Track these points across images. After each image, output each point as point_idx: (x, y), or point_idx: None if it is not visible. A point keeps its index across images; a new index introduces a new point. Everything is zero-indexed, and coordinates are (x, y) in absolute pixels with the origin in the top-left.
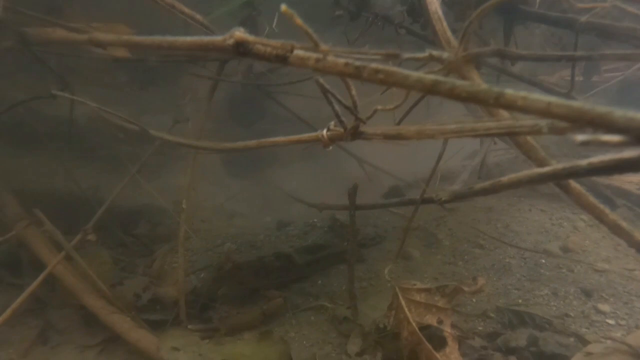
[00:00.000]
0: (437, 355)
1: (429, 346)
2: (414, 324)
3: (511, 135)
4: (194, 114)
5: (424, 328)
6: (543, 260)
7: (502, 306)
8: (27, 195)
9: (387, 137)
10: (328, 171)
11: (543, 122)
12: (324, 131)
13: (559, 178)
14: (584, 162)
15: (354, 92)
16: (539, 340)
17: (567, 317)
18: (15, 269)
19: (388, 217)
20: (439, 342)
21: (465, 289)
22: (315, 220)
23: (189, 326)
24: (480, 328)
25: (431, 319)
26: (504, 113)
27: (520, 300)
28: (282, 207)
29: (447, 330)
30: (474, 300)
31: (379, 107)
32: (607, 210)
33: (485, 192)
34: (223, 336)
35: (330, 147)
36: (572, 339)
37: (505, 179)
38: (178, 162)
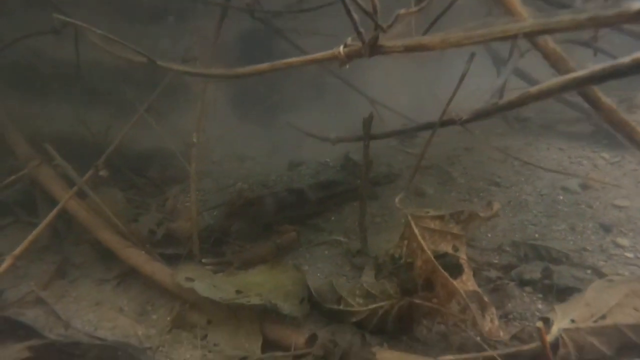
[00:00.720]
0: (453, 282)
1: (445, 273)
2: (428, 252)
3: (548, 32)
4: (202, 54)
5: (439, 256)
6: (561, 197)
7: (518, 241)
8: (38, 139)
9: (408, 48)
10: (337, 114)
11: (583, 15)
12: (341, 47)
13: (597, 80)
14: (627, 59)
15: None
16: (553, 273)
17: (585, 251)
18: (30, 208)
19: (402, 156)
20: (454, 270)
21: (481, 214)
22: (327, 160)
23: (203, 260)
24: (495, 261)
25: (446, 247)
26: (525, 14)
27: (536, 235)
28: (293, 150)
29: (463, 257)
30: (489, 235)
31: (402, 11)
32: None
33: (511, 106)
34: (236, 270)
35: (347, 65)
36: (588, 272)
37: (534, 89)
38: (187, 105)
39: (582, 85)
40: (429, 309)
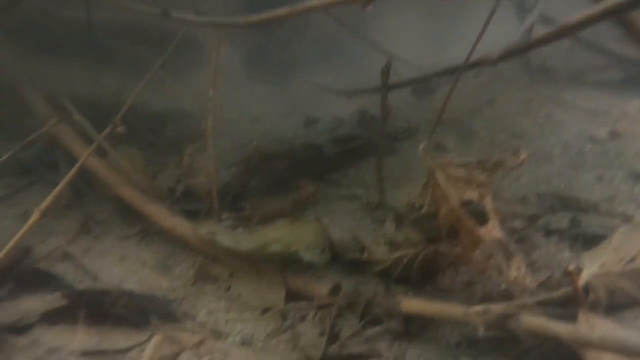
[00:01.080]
0: (479, 230)
1: (470, 221)
2: (452, 201)
3: None
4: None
5: (464, 204)
6: (588, 147)
7: (543, 192)
8: (50, 98)
9: None
10: (352, 71)
11: None
12: None
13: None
14: None
15: None
16: (581, 222)
17: (613, 200)
18: (51, 167)
19: (420, 111)
20: (480, 218)
21: (507, 162)
22: (343, 116)
23: (222, 215)
24: (520, 211)
25: (471, 195)
26: None
27: (562, 187)
28: (308, 108)
29: (488, 205)
30: (513, 186)
31: None
32: None
33: (546, 40)
34: (256, 225)
35: (370, 7)
36: (617, 220)
37: (572, 19)
38: (199, 64)
39: (621, 11)
40: (454, 257)
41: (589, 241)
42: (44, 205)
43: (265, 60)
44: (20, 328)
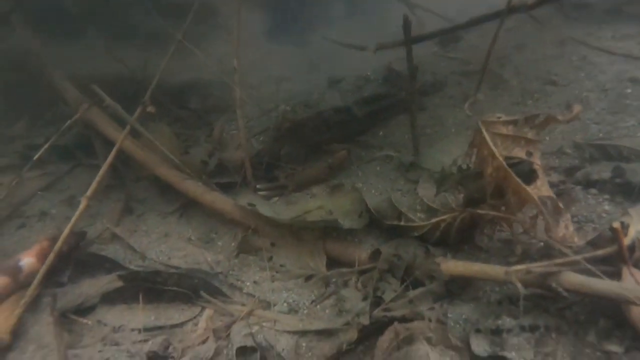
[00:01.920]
0: (527, 188)
1: (517, 179)
2: (500, 159)
3: None
4: None
5: (512, 162)
6: (629, 90)
7: (581, 142)
8: (77, 81)
9: None
10: (372, 25)
11: None
12: None
13: None
14: None
15: None
16: (625, 171)
17: None
18: (89, 151)
19: (445, 62)
20: (528, 176)
21: (559, 117)
22: (368, 73)
23: (257, 186)
24: (555, 164)
25: (519, 152)
26: None
27: (600, 134)
28: (331, 66)
29: (537, 162)
30: (547, 138)
31: None
32: None
33: None
34: (292, 193)
35: None
36: None
37: None
38: (219, 31)
39: None
40: (495, 217)
41: (631, 192)
42: (89, 192)
43: (285, 19)
44: (84, 310)
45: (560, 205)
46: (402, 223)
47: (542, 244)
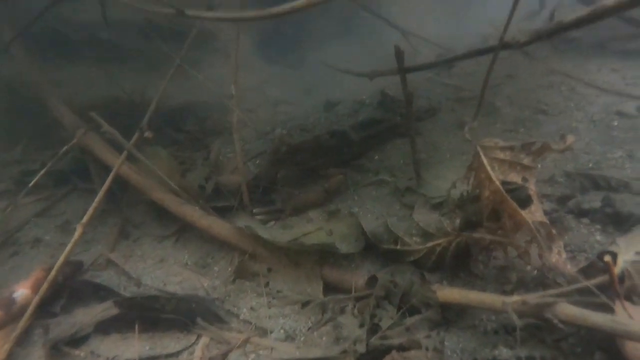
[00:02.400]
0: (522, 212)
1: (513, 204)
2: (497, 182)
3: None
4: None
5: (508, 187)
6: (616, 123)
7: (572, 171)
8: (75, 105)
9: None
10: (367, 47)
11: None
12: None
13: None
14: None
15: None
16: (615, 201)
17: None
18: (85, 175)
19: (439, 88)
20: (523, 201)
21: (554, 146)
22: (363, 97)
23: (254, 210)
24: (548, 192)
25: (515, 178)
26: None
27: (590, 164)
28: (325, 89)
29: (532, 188)
30: (540, 166)
31: None
32: None
33: (580, 23)
34: (288, 217)
35: None
36: None
37: (608, 2)
38: (216, 55)
39: None
40: (490, 242)
41: (625, 221)
42: (85, 219)
43: (280, 41)
44: (77, 341)
45: (553, 231)
46: (399, 247)
47: (536, 271)
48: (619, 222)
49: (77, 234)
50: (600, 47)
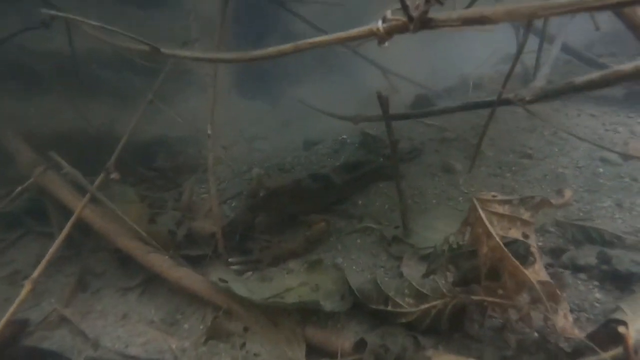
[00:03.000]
0: (526, 271)
1: (515, 262)
2: (496, 238)
3: None
4: (201, 32)
5: (506, 243)
6: (601, 170)
7: (563, 220)
8: (39, 139)
9: (466, 21)
10: (345, 85)
11: None
12: (379, 23)
13: None
14: None
15: None
16: (611, 258)
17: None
18: (41, 217)
19: (422, 128)
20: (523, 258)
21: (552, 201)
22: (344, 136)
23: (230, 259)
24: (540, 243)
25: (515, 233)
26: None
27: (581, 214)
28: (303, 126)
29: (533, 245)
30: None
31: None
32: None
33: (591, 86)
34: (267, 267)
35: (387, 43)
36: None
37: (628, 66)
38: (191, 88)
39: None
40: (490, 303)
41: (622, 279)
42: (36, 273)
43: (257, 76)
44: None
45: (558, 292)
46: (389, 308)
47: (536, 334)
48: (617, 280)
49: (24, 292)
50: (577, 92)
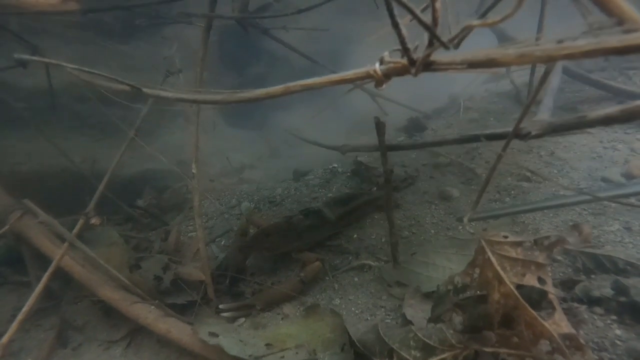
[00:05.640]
0: (545, 323)
1: (532, 312)
2: (509, 285)
3: None
4: (184, 64)
5: (518, 288)
6: (604, 189)
7: (570, 247)
8: (18, 178)
9: (473, 65)
10: (334, 109)
11: None
12: (377, 65)
13: None
14: None
15: (438, 3)
16: (628, 288)
17: None
18: (18, 266)
19: (415, 154)
20: (534, 302)
21: (570, 239)
22: (335, 165)
23: (220, 306)
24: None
25: (531, 280)
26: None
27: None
28: (292, 153)
29: (551, 291)
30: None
31: (475, 22)
32: None
33: (608, 120)
34: (260, 312)
35: (384, 86)
36: None
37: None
38: (175, 120)
39: None
40: (504, 353)
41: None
42: (5, 339)
43: (244, 105)
44: None
45: (583, 343)
46: None
47: None
48: (637, 313)
49: None
50: (570, 109)
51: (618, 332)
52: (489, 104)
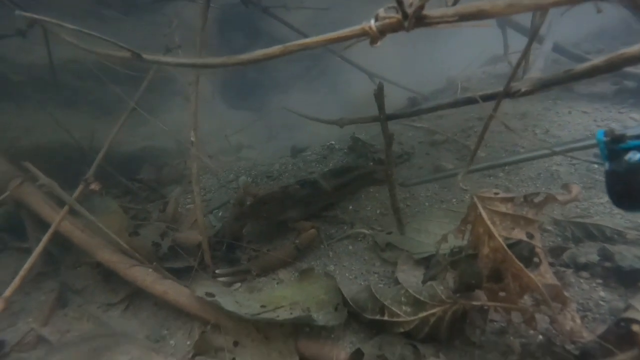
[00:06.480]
0: (531, 275)
1: (519, 264)
2: (499, 239)
3: None
4: (183, 40)
5: (509, 244)
6: (596, 165)
7: (561, 218)
8: (17, 152)
9: (463, 17)
10: (331, 91)
11: None
12: (372, 22)
13: None
14: None
15: None
16: (613, 254)
17: None
18: (18, 232)
19: (412, 132)
20: (528, 260)
21: (559, 197)
22: (332, 142)
23: (217, 270)
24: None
25: (519, 233)
26: None
27: (579, 210)
28: (290, 133)
29: (538, 245)
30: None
31: None
32: None
33: (594, 72)
34: (256, 278)
35: (379, 43)
36: None
37: (633, 49)
38: (174, 99)
39: None
40: (491, 306)
41: (624, 277)
42: (8, 292)
43: (242, 84)
44: None
45: (566, 294)
46: (386, 318)
47: (541, 338)
48: (621, 277)
49: None
50: (567, 90)
51: (602, 294)
52: (486, 86)
